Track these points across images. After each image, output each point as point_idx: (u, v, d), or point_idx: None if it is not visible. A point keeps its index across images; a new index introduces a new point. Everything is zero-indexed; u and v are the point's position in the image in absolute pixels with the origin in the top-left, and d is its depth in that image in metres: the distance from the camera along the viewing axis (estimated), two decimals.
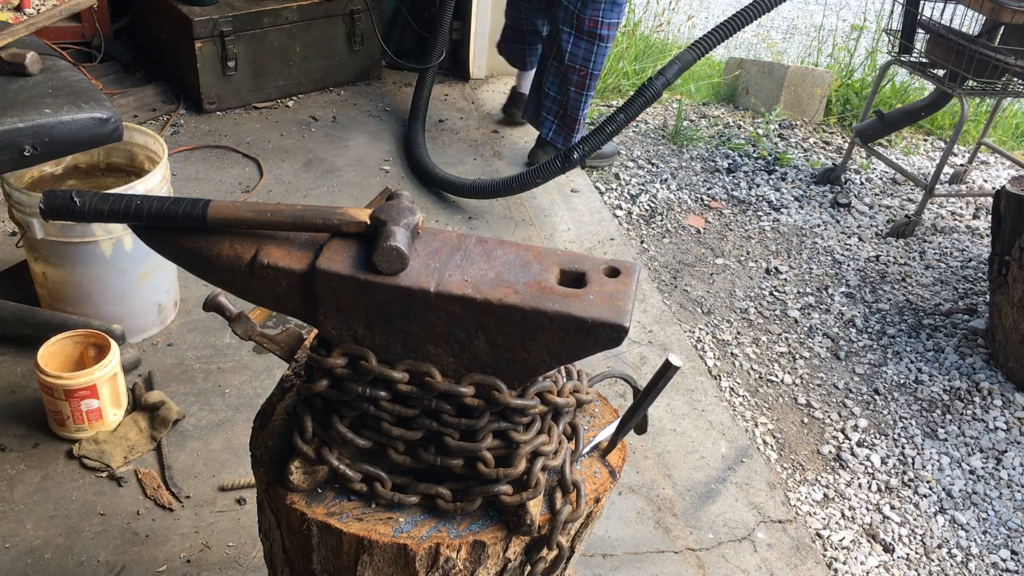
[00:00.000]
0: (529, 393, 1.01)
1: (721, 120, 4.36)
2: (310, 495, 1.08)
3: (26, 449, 2.03)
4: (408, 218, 0.98)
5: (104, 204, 1.01)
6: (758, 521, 2.14)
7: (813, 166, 3.95)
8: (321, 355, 1.01)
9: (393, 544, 1.03)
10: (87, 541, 1.84)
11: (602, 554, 1.98)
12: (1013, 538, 2.25)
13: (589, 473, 1.16)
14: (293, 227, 1.01)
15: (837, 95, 4.50)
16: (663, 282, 3.09)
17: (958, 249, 3.47)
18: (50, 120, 1.80)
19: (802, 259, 3.30)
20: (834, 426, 2.54)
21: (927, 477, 2.41)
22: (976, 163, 4.14)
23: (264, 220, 1.00)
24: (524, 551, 1.09)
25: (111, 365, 2.02)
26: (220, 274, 1.04)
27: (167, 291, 2.42)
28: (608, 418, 1.25)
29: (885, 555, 2.17)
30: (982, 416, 2.61)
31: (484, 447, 1.02)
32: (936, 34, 3.33)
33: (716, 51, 3.24)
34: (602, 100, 4.40)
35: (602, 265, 0.99)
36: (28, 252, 2.28)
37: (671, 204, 3.55)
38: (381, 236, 0.95)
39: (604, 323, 0.92)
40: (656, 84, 2.65)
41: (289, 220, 1.00)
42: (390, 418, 1.02)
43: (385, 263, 0.95)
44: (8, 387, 2.20)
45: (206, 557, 1.83)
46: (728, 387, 2.65)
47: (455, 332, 0.97)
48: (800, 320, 2.96)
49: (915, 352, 2.85)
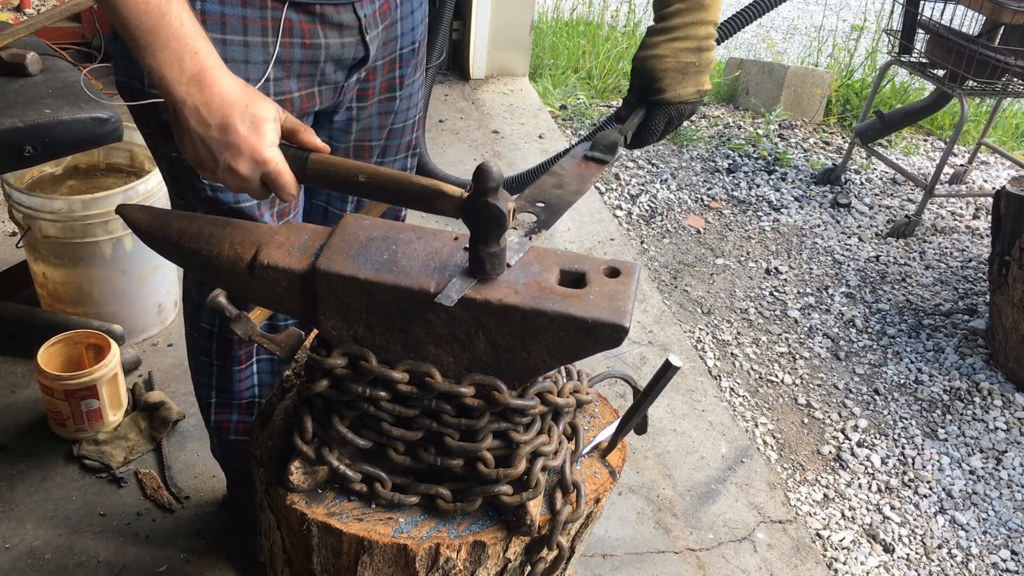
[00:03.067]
0: (529, 393, 1.01)
1: (721, 120, 4.36)
2: (310, 495, 1.08)
3: (26, 449, 2.03)
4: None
5: None
6: (758, 521, 2.13)
7: (813, 166, 3.95)
8: (321, 355, 1.01)
9: (393, 544, 1.03)
10: (87, 541, 1.84)
11: (602, 554, 1.98)
12: (1013, 538, 2.25)
13: (589, 473, 1.16)
14: (390, 196, 1.00)
15: (837, 95, 4.50)
16: (663, 282, 3.09)
17: (958, 249, 3.47)
18: (50, 120, 1.80)
19: (802, 259, 3.30)
20: (834, 426, 2.54)
21: (927, 477, 2.41)
22: (976, 163, 4.14)
23: (357, 183, 0.99)
24: (524, 551, 1.09)
25: (111, 365, 2.02)
26: (220, 274, 1.04)
27: (167, 291, 2.42)
28: (608, 418, 1.25)
29: (885, 555, 2.17)
30: (982, 416, 2.61)
31: (484, 447, 1.02)
32: (936, 34, 3.33)
33: (716, 51, 3.24)
34: (602, 100, 4.40)
35: (602, 265, 0.99)
36: (28, 252, 2.27)
37: (671, 204, 3.55)
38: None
39: (604, 323, 0.92)
40: None
41: (392, 185, 0.99)
42: (390, 418, 1.02)
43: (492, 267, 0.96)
44: (8, 387, 2.20)
45: (206, 557, 1.83)
46: (728, 387, 2.65)
47: (455, 332, 0.97)
48: (800, 320, 2.96)
49: (915, 352, 2.85)
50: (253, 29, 1.19)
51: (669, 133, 1.31)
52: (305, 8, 1.21)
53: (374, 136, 1.49)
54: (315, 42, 1.24)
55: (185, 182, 1.31)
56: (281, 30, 1.20)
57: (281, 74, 1.24)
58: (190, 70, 0.99)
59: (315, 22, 1.23)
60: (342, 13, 1.25)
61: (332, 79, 1.31)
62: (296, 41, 1.23)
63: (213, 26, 1.16)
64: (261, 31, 1.20)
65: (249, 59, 1.20)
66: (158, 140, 1.30)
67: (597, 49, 4.58)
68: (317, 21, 1.23)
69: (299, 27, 1.22)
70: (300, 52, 1.24)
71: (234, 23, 1.17)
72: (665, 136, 1.30)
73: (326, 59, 1.27)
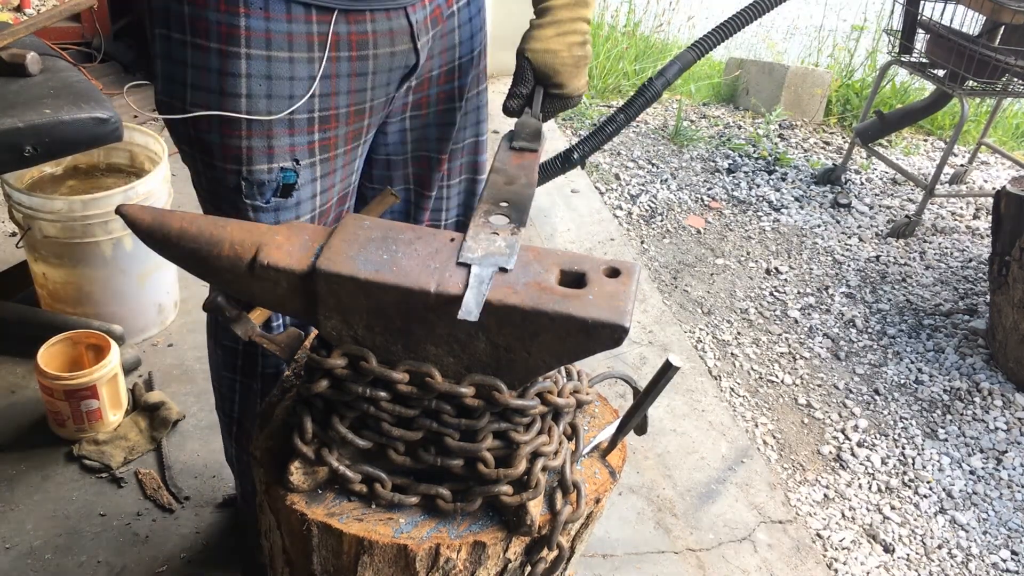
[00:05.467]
0: (529, 394, 1.01)
1: (721, 120, 4.36)
2: (310, 496, 1.08)
3: (26, 449, 2.03)
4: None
5: None
6: (758, 521, 2.13)
7: (813, 166, 3.95)
8: (321, 355, 1.01)
9: (393, 544, 1.03)
10: (87, 542, 1.84)
11: (602, 554, 1.98)
12: (1013, 538, 2.25)
13: (589, 473, 1.16)
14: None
15: (837, 95, 4.50)
16: (663, 282, 3.09)
17: (958, 249, 3.47)
18: (50, 120, 1.79)
19: (802, 259, 3.30)
20: (834, 426, 2.54)
21: (927, 477, 2.41)
22: (976, 163, 4.14)
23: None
24: (524, 551, 1.09)
25: (111, 366, 2.02)
26: (220, 275, 1.04)
27: (167, 291, 2.42)
28: (608, 418, 1.25)
29: (885, 555, 2.17)
30: (982, 416, 2.61)
31: (484, 448, 1.02)
32: (936, 34, 3.33)
33: (716, 51, 3.24)
34: (602, 100, 4.40)
35: (602, 265, 0.99)
36: (28, 252, 2.27)
37: (671, 204, 3.55)
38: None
39: (604, 323, 0.92)
40: (656, 84, 2.64)
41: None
42: (390, 419, 1.02)
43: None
44: (8, 387, 2.20)
45: (206, 557, 1.83)
46: (728, 387, 2.65)
47: (455, 333, 0.97)
48: (800, 320, 2.96)
49: (915, 352, 2.85)
50: (299, 45, 1.16)
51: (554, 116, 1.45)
52: (355, 17, 1.18)
53: (432, 148, 1.45)
54: (363, 53, 1.21)
55: (225, 200, 1.28)
56: (328, 44, 1.17)
57: (328, 90, 1.21)
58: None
59: (365, 31, 1.19)
60: (393, 19, 1.21)
61: (382, 91, 1.28)
62: (343, 55, 1.20)
63: (258, 43, 1.14)
64: (307, 47, 1.17)
65: (294, 75, 1.17)
66: (197, 159, 1.28)
67: (597, 49, 4.58)
68: (368, 30, 1.19)
69: (347, 39, 1.19)
70: (347, 66, 1.21)
71: (279, 39, 1.15)
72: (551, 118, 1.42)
73: (375, 70, 1.24)
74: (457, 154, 1.50)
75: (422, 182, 1.50)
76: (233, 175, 1.24)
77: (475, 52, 1.43)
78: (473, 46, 1.42)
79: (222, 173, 1.25)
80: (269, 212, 1.27)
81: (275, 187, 1.25)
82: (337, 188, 1.34)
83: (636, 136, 4.09)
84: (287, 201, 1.27)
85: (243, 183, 1.24)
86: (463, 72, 1.42)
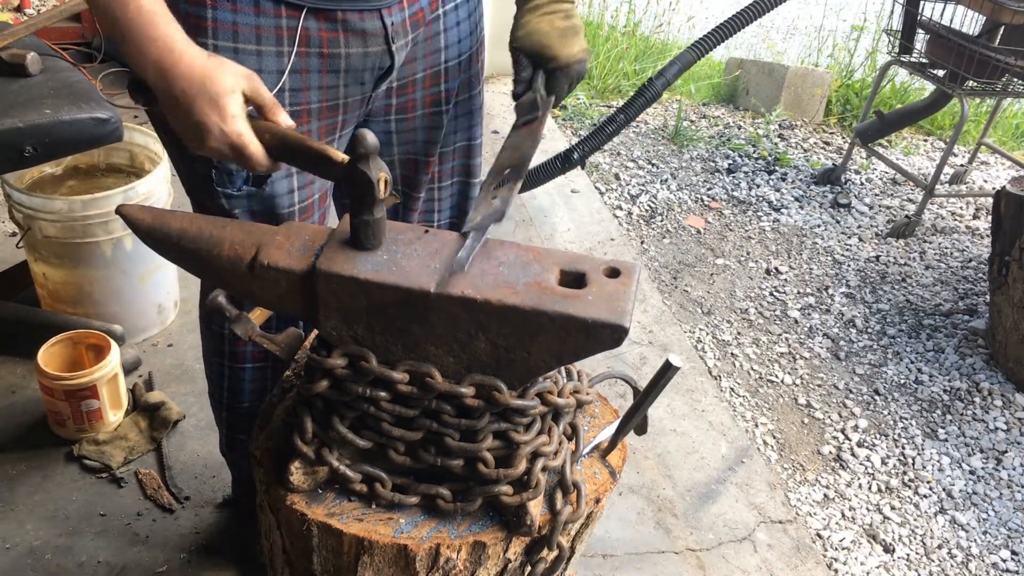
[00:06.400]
0: (529, 394, 1.01)
1: (721, 120, 4.36)
2: (310, 496, 1.08)
3: (26, 449, 2.03)
4: None
5: None
6: (758, 521, 2.13)
7: (813, 166, 3.95)
8: (321, 355, 1.01)
9: (393, 544, 1.03)
10: (87, 542, 1.84)
11: (602, 554, 1.98)
12: (1013, 538, 2.25)
13: (589, 473, 1.16)
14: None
15: (837, 95, 4.50)
16: (663, 282, 3.09)
17: (958, 249, 3.47)
18: (50, 120, 1.80)
19: (802, 259, 3.30)
20: (834, 426, 2.54)
21: (927, 477, 2.41)
22: (976, 163, 4.14)
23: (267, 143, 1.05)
24: (524, 551, 1.09)
25: (111, 366, 2.02)
26: (220, 275, 1.04)
27: (167, 291, 2.42)
28: (608, 418, 1.25)
29: (885, 555, 2.17)
30: (982, 416, 2.61)
31: (484, 448, 1.02)
32: (936, 34, 3.33)
33: (716, 51, 3.25)
34: (602, 100, 4.40)
35: (602, 266, 0.99)
36: (28, 252, 2.27)
37: (671, 204, 3.55)
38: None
39: (604, 324, 0.92)
40: (656, 84, 2.65)
41: (289, 144, 1.04)
42: (390, 419, 1.02)
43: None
44: (8, 387, 2.20)
45: (206, 557, 1.83)
46: (728, 387, 2.65)
47: (455, 333, 0.97)
48: (800, 320, 2.96)
49: (915, 352, 2.85)
50: (267, 39, 1.16)
51: (572, 91, 1.43)
52: (325, 15, 1.17)
53: (419, 150, 1.45)
54: (334, 51, 1.20)
55: (203, 191, 1.29)
56: (297, 39, 1.17)
57: (299, 84, 1.21)
58: (152, 57, 1.00)
59: (336, 30, 1.19)
60: (366, 20, 1.20)
61: (356, 89, 1.27)
62: (313, 51, 1.19)
63: (224, 35, 1.14)
64: (275, 40, 1.17)
65: (262, 68, 1.17)
66: (171, 144, 1.29)
67: (597, 49, 4.58)
68: (339, 29, 1.19)
69: (317, 36, 1.18)
70: (317, 62, 1.20)
71: (246, 32, 1.15)
72: (569, 94, 1.39)
73: (347, 68, 1.23)
74: (448, 157, 1.50)
75: (409, 184, 1.50)
76: (203, 163, 1.24)
77: (464, 56, 1.42)
78: (462, 50, 1.41)
79: (192, 161, 1.25)
80: (242, 199, 1.27)
81: (245, 175, 1.25)
82: (316, 185, 1.34)
83: (636, 136, 4.09)
84: (261, 191, 1.27)
85: (213, 171, 1.24)
86: (450, 76, 1.41)
